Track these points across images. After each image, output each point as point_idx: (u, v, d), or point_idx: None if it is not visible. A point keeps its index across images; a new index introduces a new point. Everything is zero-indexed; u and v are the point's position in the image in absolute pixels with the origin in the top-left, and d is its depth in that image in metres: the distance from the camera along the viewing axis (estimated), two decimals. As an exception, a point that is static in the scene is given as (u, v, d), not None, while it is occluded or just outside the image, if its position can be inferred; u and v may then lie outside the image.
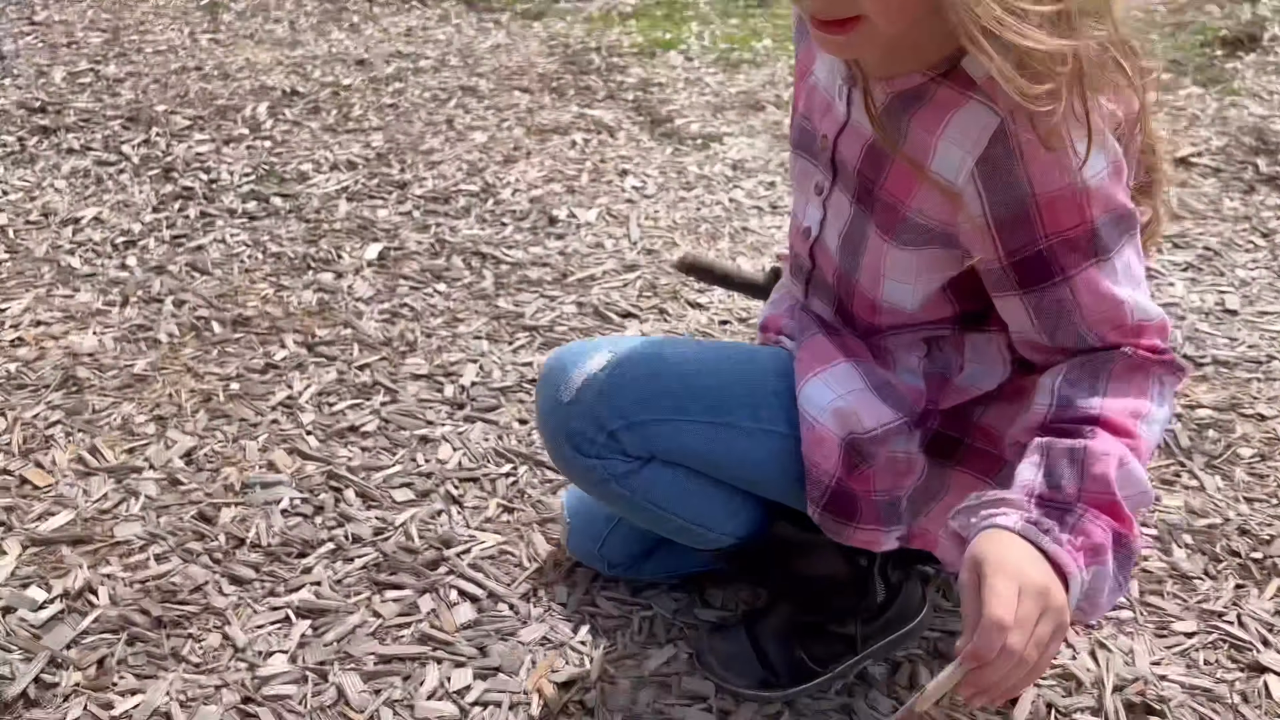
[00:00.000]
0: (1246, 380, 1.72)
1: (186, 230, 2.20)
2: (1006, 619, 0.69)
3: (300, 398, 1.64)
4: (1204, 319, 1.91)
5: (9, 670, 1.13)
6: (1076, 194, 0.79)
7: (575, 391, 0.97)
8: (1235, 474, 1.50)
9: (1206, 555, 1.34)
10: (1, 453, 1.48)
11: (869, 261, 0.94)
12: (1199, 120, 2.94)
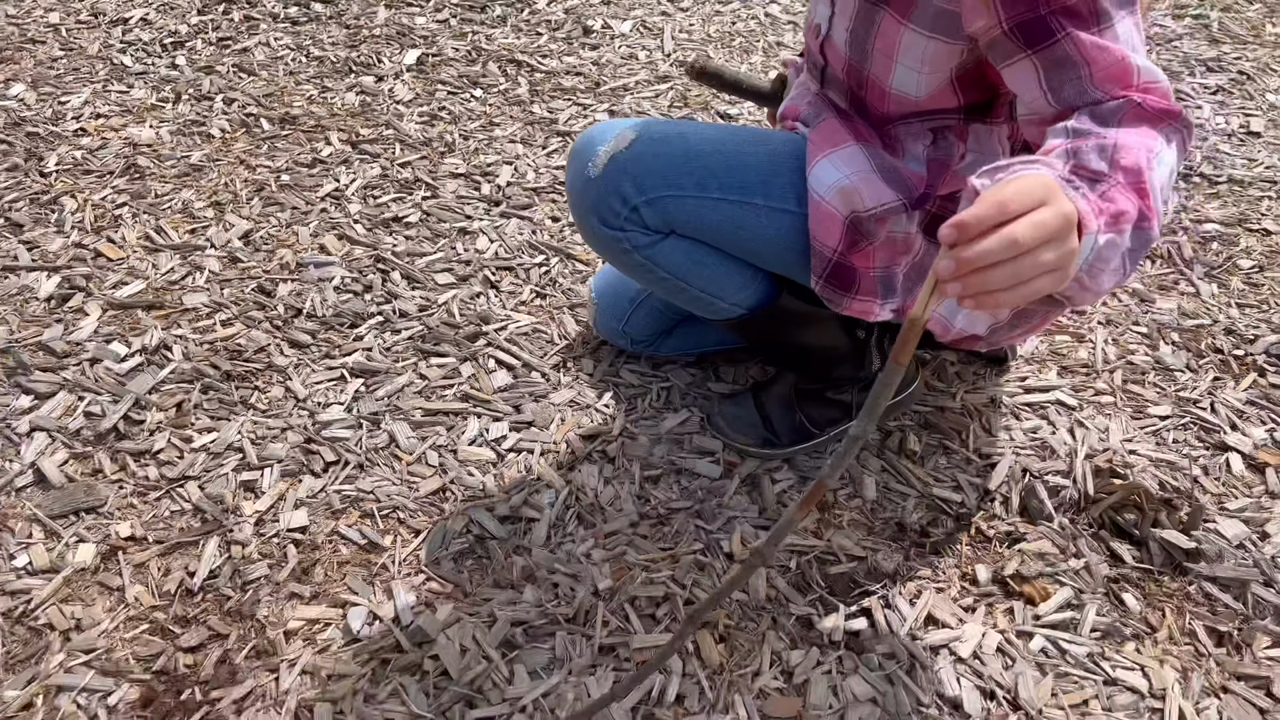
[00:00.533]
0: (1258, 199, 1.76)
1: (232, 33, 2.24)
2: (1010, 202, 0.63)
3: (347, 190, 1.72)
4: (1226, 140, 1.93)
5: (99, 408, 1.28)
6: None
7: (601, 168, 1.03)
8: (1232, 283, 1.56)
9: (1190, 352, 1.42)
10: (76, 229, 1.60)
11: (881, 47, 0.98)
12: (1255, -57, 2.83)
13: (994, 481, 1.21)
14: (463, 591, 1.08)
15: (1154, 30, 2.35)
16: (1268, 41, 2.30)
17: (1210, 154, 1.88)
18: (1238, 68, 2.19)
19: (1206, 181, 1.80)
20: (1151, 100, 0.80)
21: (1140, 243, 0.74)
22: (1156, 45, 2.28)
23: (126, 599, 1.06)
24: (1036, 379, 1.37)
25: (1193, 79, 2.14)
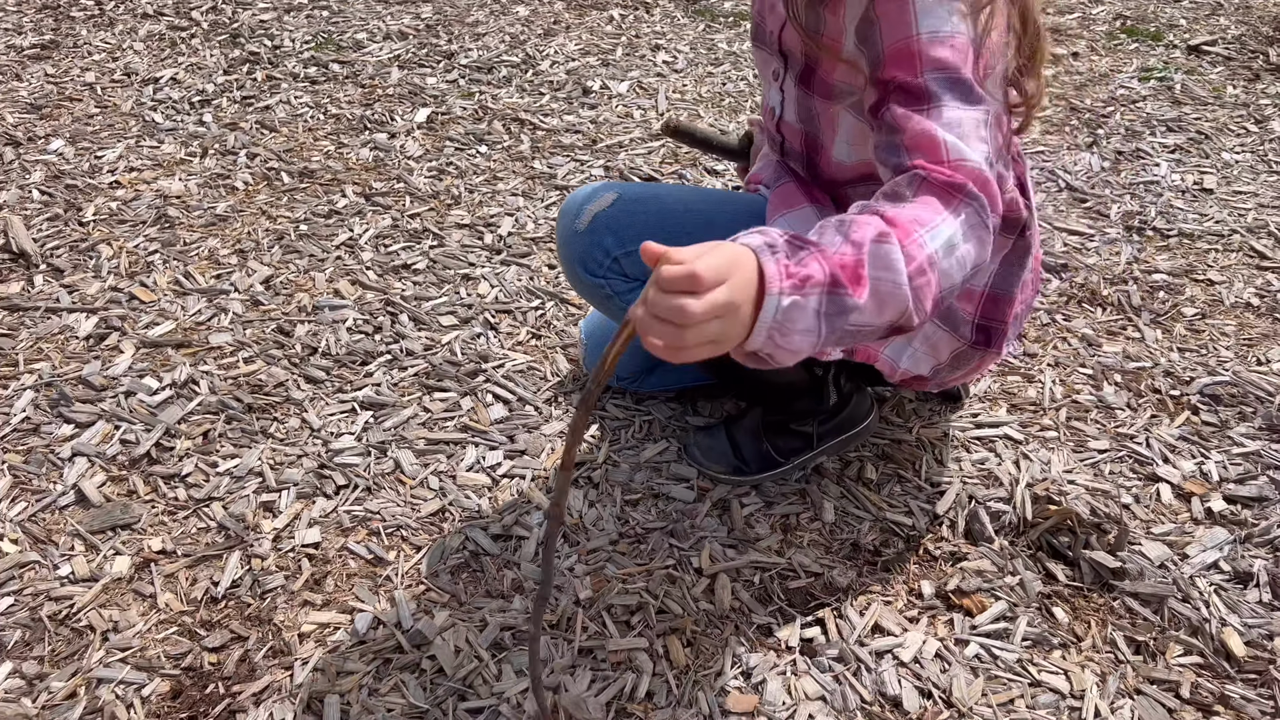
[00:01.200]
0: (1206, 251, 1.90)
1: (255, 92, 2.42)
2: (702, 276, 0.68)
3: (360, 239, 1.88)
4: (1180, 196, 2.07)
5: (134, 436, 1.42)
6: (912, 46, 0.91)
7: (586, 223, 1.20)
8: (1175, 329, 1.69)
9: (1131, 391, 1.55)
10: (112, 274, 1.75)
11: (825, 125, 1.14)
12: (1221, 9, 3.00)
13: (942, 507, 1.34)
14: (458, 600, 1.20)
15: (1120, 92, 2.51)
16: (1228, 103, 2.46)
17: (1164, 209, 2.02)
18: (1196, 128, 2.34)
19: (1159, 235, 1.95)
20: (937, 173, 0.86)
21: (835, 309, 0.76)
22: (1121, 106, 2.44)
23: (158, 605, 1.19)
24: (987, 415, 1.50)
25: (1153, 138, 2.30)
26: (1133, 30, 2.86)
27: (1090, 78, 2.59)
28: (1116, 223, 1.99)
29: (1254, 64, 2.67)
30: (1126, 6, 3.03)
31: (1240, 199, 2.07)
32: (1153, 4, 3.05)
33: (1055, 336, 1.67)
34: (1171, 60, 2.68)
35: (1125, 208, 2.03)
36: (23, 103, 2.33)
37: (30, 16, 2.79)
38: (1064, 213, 2.02)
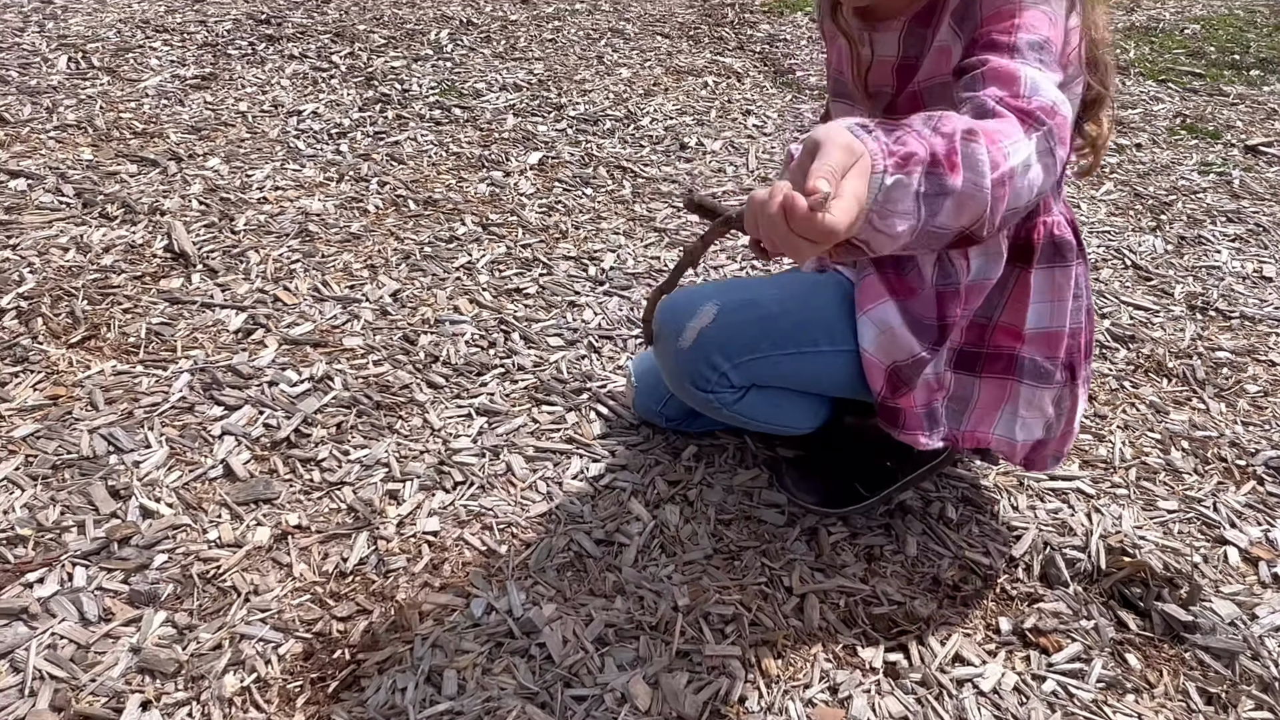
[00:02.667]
0: (1267, 334, 1.86)
1: (385, 128, 2.49)
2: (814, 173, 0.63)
3: (477, 264, 1.91)
4: (1240, 282, 2.04)
5: (275, 422, 1.45)
6: (1014, 11, 0.89)
7: (691, 341, 1.15)
8: (1239, 404, 1.66)
9: (1198, 458, 1.52)
10: (259, 277, 1.80)
11: None
12: (1276, 114, 2.97)
13: (1019, 550, 1.31)
14: (563, 596, 1.20)
15: (1181, 183, 2.49)
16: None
17: (1225, 293, 1.99)
18: (1255, 220, 2.31)
19: (1221, 315, 1.91)
20: (1011, 102, 0.82)
21: (935, 190, 0.71)
22: (1183, 196, 2.41)
23: (294, 574, 1.20)
24: (1061, 469, 1.47)
25: (1214, 226, 2.27)
26: (1192, 128, 2.84)
27: (1153, 168, 2.57)
28: (1180, 301, 1.96)
29: (1309, 166, 2.63)
30: (1185, 106, 3.01)
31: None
32: (1211, 105, 3.03)
33: (1124, 401, 1.64)
34: (1230, 158, 2.65)
35: (1188, 288, 2.00)
36: (185, 125, 2.42)
37: (193, 52, 2.91)
38: (1129, 289, 2.00)
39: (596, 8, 3.67)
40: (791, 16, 3.71)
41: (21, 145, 2.26)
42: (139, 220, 1.97)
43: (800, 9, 3.81)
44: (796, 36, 3.47)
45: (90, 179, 2.12)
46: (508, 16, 3.47)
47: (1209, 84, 3.21)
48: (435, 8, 3.53)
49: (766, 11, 3.76)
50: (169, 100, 2.57)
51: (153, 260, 1.84)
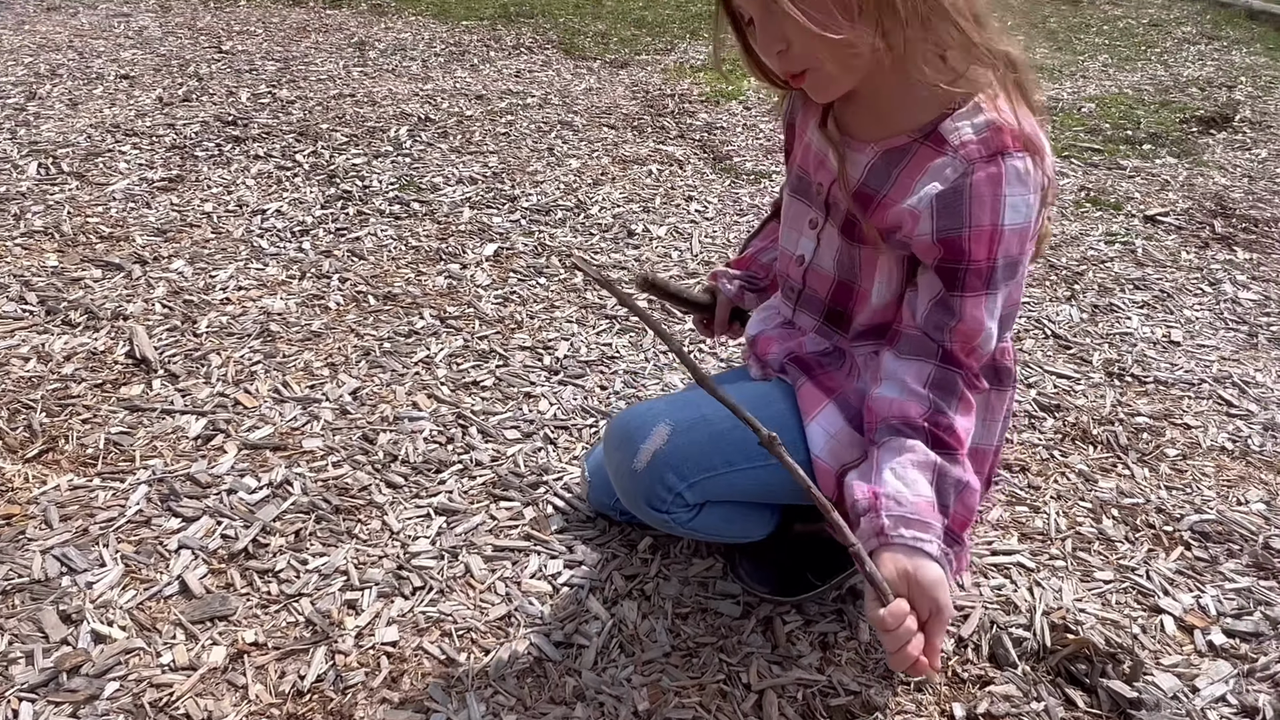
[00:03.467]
0: (1180, 398, 1.86)
1: (347, 224, 2.43)
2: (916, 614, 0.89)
3: (435, 358, 1.85)
4: (1152, 347, 2.05)
5: (234, 532, 1.36)
6: (995, 234, 0.91)
7: (646, 463, 1.08)
8: (1160, 468, 1.64)
9: (1128, 526, 1.49)
10: (220, 381, 1.72)
11: (865, 272, 1.07)
12: (1169, 185, 3.04)
13: (967, 630, 1.26)
14: (524, 705, 1.12)
15: (1090, 253, 2.52)
16: (1184, 266, 2.46)
17: (1139, 358, 1.99)
18: (1159, 287, 2.33)
19: (1137, 381, 1.91)
20: (969, 368, 0.99)
21: None
22: (1093, 265, 2.44)
23: (249, 695, 1.11)
24: (1001, 543, 1.43)
25: (1123, 294, 2.29)
26: (1096, 200, 2.89)
27: (1064, 239, 2.60)
28: (1099, 368, 1.95)
29: (1202, 233, 2.68)
30: (1089, 180, 3.07)
31: (1204, 351, 2.04)
32: (1111, 178, 3.10)
33: (1055, 471, 1.61)
34: (1131, 228, 2.70)
35: (1105, 355, 2.00)
36: (151, 227, 2.34)
37: (160, 154, 2.84)
38: (1051, 358, 1.99)
39: (547, 101, 3.68)
40: (727, 105, 3.74)
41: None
42: (101, 326, 1.87)
43: (734, 98, 3.85)
44: (732, 124, 3.50)
45: (55, 285, 2.02)
46: (464, 112, 3.46)
47: (1107, 158, 3.29)
48: (395, 105, 3.50)
49: (704, 101, 3.79)
50: (136, 203, 2.49)
51: (114, 367, 1.74)
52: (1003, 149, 0.90)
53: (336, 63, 4.16)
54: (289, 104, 3.45)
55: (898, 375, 1.00)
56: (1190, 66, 4.79)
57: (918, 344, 1.00)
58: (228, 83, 3.72)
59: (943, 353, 0.98)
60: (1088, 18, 6.12)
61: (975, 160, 0.90)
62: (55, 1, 5.43)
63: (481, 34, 4.98)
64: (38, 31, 4.56)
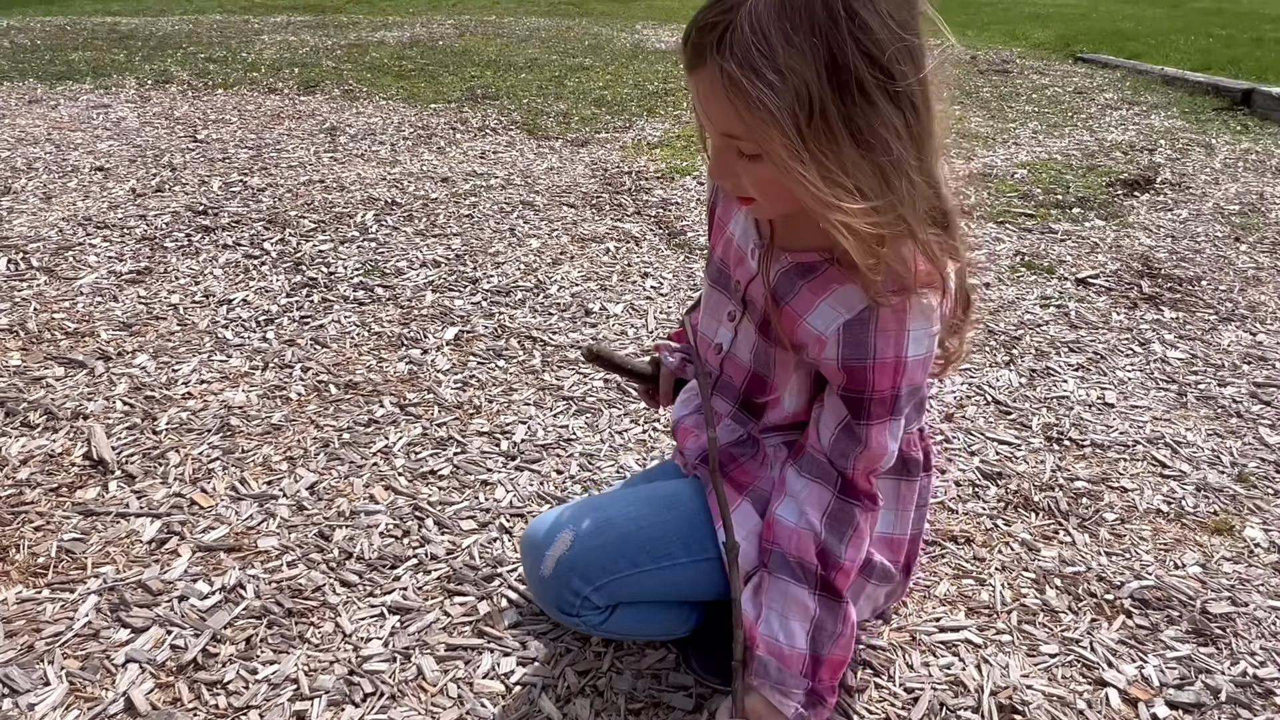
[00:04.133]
0: (1115, 460, 1.86)
1: (311, 312, 2.40)
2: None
3: (394, 447, 1.81)
4: (1088, 410, 2.05)
5: (183, 642, 1.29)
6: (898, 366, 0.91)
7: (551, 570, 1.06)
8: (1100, 533, 1.63)
9: (1071, 595, 1.47)
10: (177, 480, 1.66)
11: (779, 372, 1.06)
12: (1099, 248, 3.10)
13: (917, 715, 1.22)
14: (474, 818, 1.06)
15: (1027, 317, 2.54)
16: (1115, 327, 2.49)
17: (1076, 421, 2.00)
18: (1093, 349, 2.35)
19: (1075, 445, 1.91)
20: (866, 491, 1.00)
21: None
22: (1029, 330, 2.46)
23: (189, 825, 1.04)
24: (949, 618, 1.40)
25: (1059, 357, 2.30)
26: (1030, 265, 2.94)
27: (1001, 304, 2.63)
28: (1038, 433, 1.95)
29: (1130, 294, 2.72)
30: (1023, 245, 3.13)
31: (1137, 412, 2.05)
32: (1043, 242, 3.15)
33: (999, 541, 1.60)
34: (1064, 290, 2.74)
35: (1044, 419, 2.01)
36: (117, 321, 2.30)
37: (131, 246, 2.81)
38: (992, 424, 1.99)
39: (510, 182, 3.70)
40: (681, 181, 3.79)
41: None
42: (60, 427, 1.82)
43: (688, 174, 3.90)
44: (686, 199, 3.53)
45: (15, 386, 1.97)
46: (429, 195, 3.47)
47: (1040, 223, 3.35)
48: (363, 190, 3.50)
49: (660, 177, 3.84)
50: (103, 297, 2.44)
51: (70, 470, 1.68)
52: (906, 286, 0.88)
53: (308, 149, 4.16)
54: (259, 191, 3.44)
55: (799, 498, 1.00)
56: (1114, 131, 4.94)
57: (820, 468, 1.00)
58: (200, 171, 3.71)
59: (843, 482, 0.99)
60: (1017, 86, 6.32)
61: (882, 295, 0.88)
62: (37, 95, 5.42)
63: (449, 116, 5.03)
64: (17, 125, 4.54)
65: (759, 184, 0.87)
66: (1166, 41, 8.09)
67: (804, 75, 0.74)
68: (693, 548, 1.08)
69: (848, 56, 0.74)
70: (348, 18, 11.03)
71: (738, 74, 0.75)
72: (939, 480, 1.76)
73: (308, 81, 6.00)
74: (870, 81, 0.76)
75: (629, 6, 14.11)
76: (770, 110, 0.75)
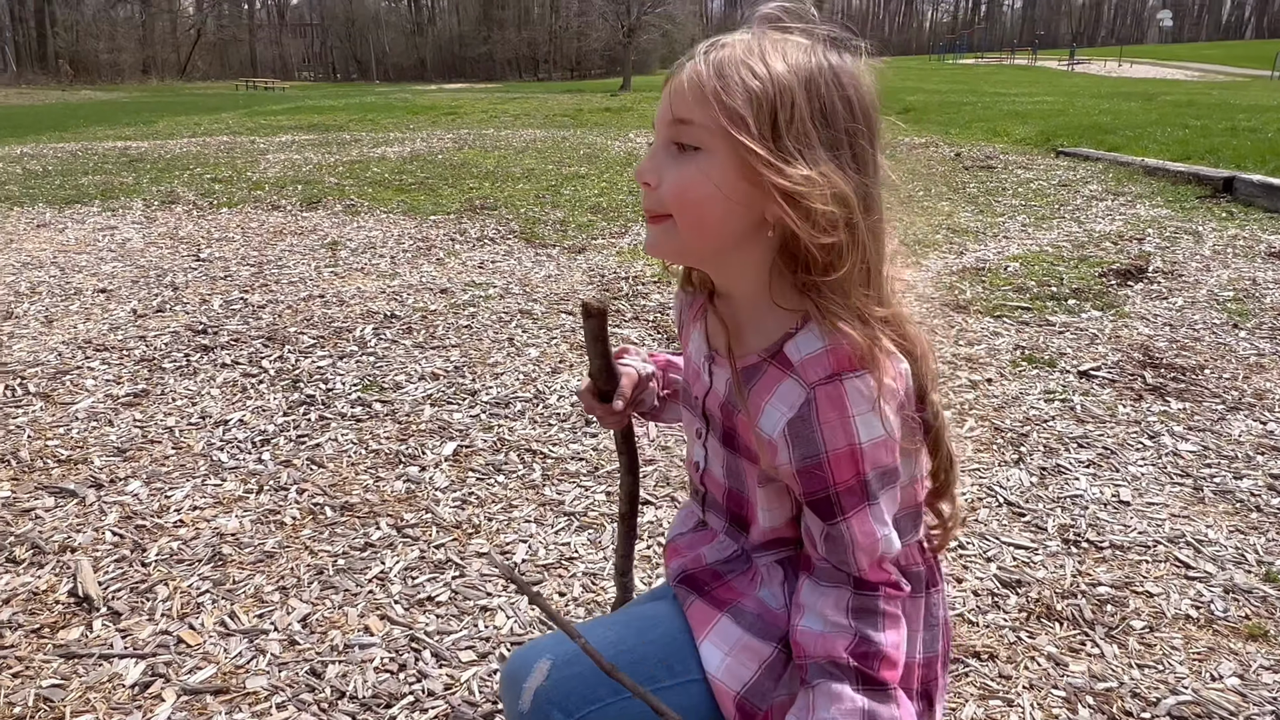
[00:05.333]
0: (1137, 562, 1.80)
1: (308, 431, 2.38)
2: None
3: (390, 572, 1.76)
4: (1103, 509, 2.01)
5: (162, 802, 1.22)
6: (854, 453, 0.86)
7: (529, 703, 1.00)
8: (1129, 643, 1.56)
9: (1105, 715, 1.39)
10: (164, 616, 1.61)
11: (750, 483, 1.01)
12: (1098, 338, 3.11)
13: None
14: None
15: (1032, 413, 2.52)
16: (1122, 420, 2.46)
17: (1092, 521, 1.95)
18: (1102, 444, 2.32)
19: (1093, 547, 1.86)
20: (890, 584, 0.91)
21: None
22: (1035, 425, 2.43)
23: None
24: (977, 746, 1.33)
25: (1068, 454, 2.27)
26: (1031, 358, 2.94)
27: (1005, 400, 2.61)
28: (1054, 535, 1.90)
29: (1135, 385, 2.71)
30: (1021, 338, 3.14)
31: (1154, 510, 2.00)
32: (1042, 335, 3.16)
33: (1024, 656, 1.53)
34: (1068, 384, 2.72)
35: (1059, 520, 1.96)
36: (111, 447, 2.27)
37: (129, 368, 2.81)
38: (1007, 527, 1.94)
39: (508, 291, 3.74)
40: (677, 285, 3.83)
41: (-62, 487, 2.06)
42: (46, 562, 1.77)
43: (686, 277, 3.95)
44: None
45: (3, 519, 1.93)
46: (428, 307, 3.50)
47: (1037, 316, 3.37)
48: (362, 304, 3.54)
49: (655, 282, 3.89)
50: (98, 421, 2.43)
51: (54, 608, 1.63)
52: (839, 370, 0.85)
53: (309, 264, 4.24)
54: (260, 308, 3.47)
55: (817, 607, 0.94)
56: (1101, 222, 5.04)
57: (830, 574, 0.94)
58: (202, 290, 3.76)
59: (855, 579, 0.92)
60: (1003, 181, 6.50)
61: (815, 384, 0.86)
62: (45, 219, 5.57)
63: (448, 228, 5.15)
64: (24, 249, 4.64)
65: (679, 185, 0.86)
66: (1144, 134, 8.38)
67: (786, 80, 0.82)
68: (676, 669, 1.02)
69: (825, 87, 0.83)
70: (350, 135, 11.48)
71: (725, 63, 0.82)
72: (955, 590, 1.70)
73: (310, 198, 6.18)
74: (840, 115, 0.83)
75: (620, 116, 14.72)
76: (750, 94, 0.81)
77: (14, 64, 42.24)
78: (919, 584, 1.01)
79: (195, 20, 56.96)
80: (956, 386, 2.69)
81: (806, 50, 0.83)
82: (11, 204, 6.12)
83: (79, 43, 43.76)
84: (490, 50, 56.89)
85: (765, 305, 0.90)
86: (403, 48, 61.89)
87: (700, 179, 0.84)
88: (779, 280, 0.89)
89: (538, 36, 58.63)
